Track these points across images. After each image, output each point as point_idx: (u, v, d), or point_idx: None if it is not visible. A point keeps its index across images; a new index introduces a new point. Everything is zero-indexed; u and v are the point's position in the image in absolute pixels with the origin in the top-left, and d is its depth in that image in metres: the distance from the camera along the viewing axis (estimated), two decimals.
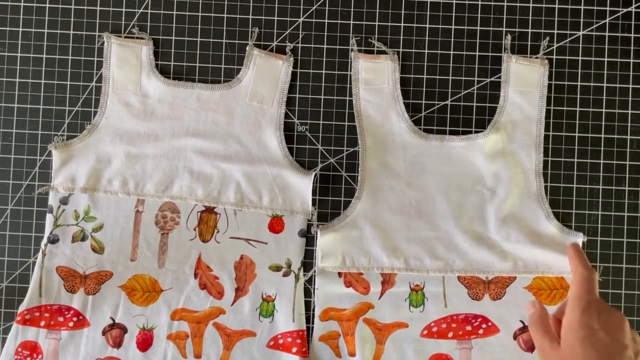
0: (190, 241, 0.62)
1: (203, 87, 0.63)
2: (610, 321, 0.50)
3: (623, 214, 0.63)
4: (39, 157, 0.63)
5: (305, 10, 0.63)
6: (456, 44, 0.64)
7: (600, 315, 0.50)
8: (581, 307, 0.51)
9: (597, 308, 0.51)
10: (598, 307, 0.51)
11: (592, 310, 0.51)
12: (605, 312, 0.51)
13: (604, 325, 0.50)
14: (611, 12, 0.64)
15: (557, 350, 0.51)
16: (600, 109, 0.64)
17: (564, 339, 0.51)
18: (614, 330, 0.50)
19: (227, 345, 0.60)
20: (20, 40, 0.63)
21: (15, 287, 0.62)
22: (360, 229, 0.61)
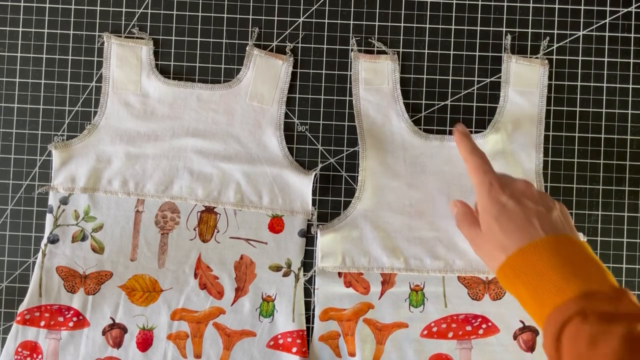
0: (190, 241, 0.62)
1: (203, 87, 0.63)
2: (515, 190, 0.52)
3: (623, 214, 0.63)
4: (39, 157, 0.63)
5: (305, 10, 0.63)
6: (456, 44, 0.64)
7: (505, 188, 0.52)
8: (485, 189, 0.52)
9: (500, 183, 0.52)
10: (500, 183, 0.52)
11: (495, 187, 0.52)
12: (509, 184, 0.53)
13: (511, 196, 0.51)
14: (611, 12, 0.64)
15: (481, 236, 0.53)
16: (600, 109, 0.64)
17: (482, 223, 0.52)
18: (521, 197, 0.51)
19: (227, 345, 0.60)
20: (20, 40, 0.63)
21: (15, 287, 0.62)
22: (360, 229, 0.61)
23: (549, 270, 0.46)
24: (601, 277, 0.46)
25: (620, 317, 0.43)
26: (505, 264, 0.49)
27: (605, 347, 0.42)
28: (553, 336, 0.45)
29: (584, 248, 0.49)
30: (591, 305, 0.44)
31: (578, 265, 0.46)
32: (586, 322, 0.43)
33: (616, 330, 0.42)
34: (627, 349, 0.41)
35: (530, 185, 0.53)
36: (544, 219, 0.50)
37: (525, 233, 0.49)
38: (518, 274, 0.48)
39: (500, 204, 0.51)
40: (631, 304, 0.45)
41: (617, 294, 0.45)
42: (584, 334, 0.43)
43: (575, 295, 0.45)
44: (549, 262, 0.47)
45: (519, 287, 0.49)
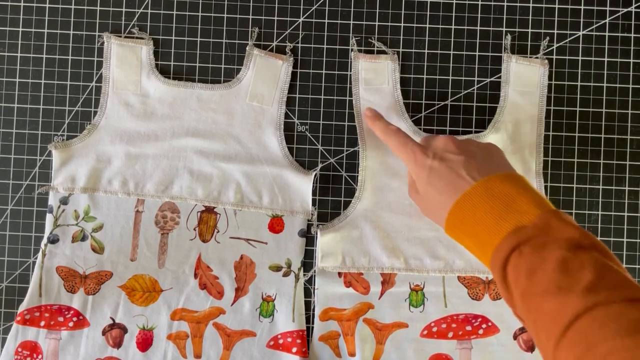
0: (190, 241, 0.62)
1: (203, 87, 0.63)
2: (437, 150, 0.53)
3: (623, 214, 0.63)
4: (39, 157, 0.63)
5: (305, 10, 0.63)
6: (456, 44, 0.64)
7: (427, 150, 0.53)
8: (411, 159, 0.53)
9: (421, 149, 0.53)
10: (422, 148, 0.53)
11: (418, 154, 0.53)
12: (430, 146, 0.54)
13: (435, 157, 0.52)
14: (611, 12, 0.64)
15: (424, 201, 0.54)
16: (600, 109, 0.64)
17: (420, 190, 0.54)
18: (444, 154, 0.52)
19: (227, 345, 0.60)
20: (20, 40, 0.63)
21: (15, 287, 0.62)
22: (360, 229, 0.61)
23: (483, 215, 0.47)
24: (531, 208, 0.46)
25: (551, 242, 0.44)
26: (447, 220, 0.50)
27: (542, 276, 0.43)
28: (500, 278, 0.46)
29: (515, 181, 0.49)
30: (524, 238, 0.45)
31: (509, 201, 0.47)
32: (521, 255, 0.44)
33: (549, 256, 0.43)
34: (561, 272, 0.42)
35: (449, 138, 0.53)
36: (470, 166, 0.50)
37: (457, 186, 0.50)
38: (460, 226, 0.49)
39: (427, 167, 0.52)
40: (561, 226, 0.45)
41: (545, 221, 0.45)
42: (522, 267, 0.44)
43: (508, 233, 0.46)
44: (482, 207, 0.48)
45: (465, 239, 0.50)
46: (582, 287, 0.40)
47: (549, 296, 0.42)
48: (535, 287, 0.43)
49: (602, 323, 0.38)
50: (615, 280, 0.41)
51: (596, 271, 0.41)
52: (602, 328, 0.38)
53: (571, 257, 0.42)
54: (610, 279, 0.41)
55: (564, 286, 0.41)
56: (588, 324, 0.39)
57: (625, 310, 0.39)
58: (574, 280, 0.41)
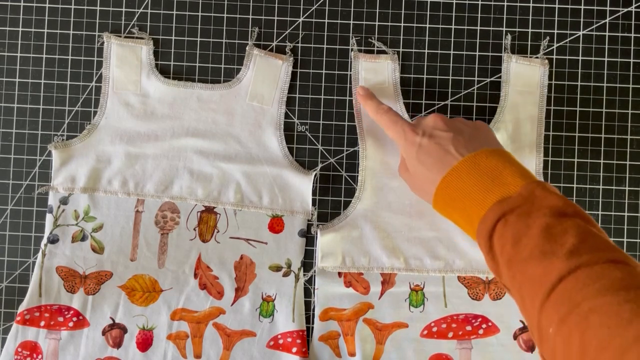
0: (190, 241, 0.62)
1: (203, 87, 0.62)
2: (426, 127, 0.54)
3: (623, 214, 0.63)
4: (39, 157, 0.63)
5: (305, 10, 0.63)
6: (456, 44, 0.64)
7: (417, 129, 0.54)
8: (401, 137, 0.54)
9: (411, 127, 0.54)
10: (411, 126, 0.54)
11: (408, 131, 0.54)
12: (419, 124, 0.55)
13: (424, 134, 0.53)
14: (611, 12, 0.64)
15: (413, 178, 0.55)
16: (600, 109, 0.64)
17: (409, 168, 0.55)
18: (433, 131, 0.53)
19: (227, 345, 0.60)
20: (20, 40, 0.63)
21: (15, 287, 0.62)
22: (360, 229, 0.61)
23: (470, 188, 0.48)
24: (516, 180, 0.47)
25: (536, 210, 0.45)
26: (435, 195, 0.51)
27: (527, 242, 0.43)
28: (486, 248, 0.47)
29: (501, 155, 0.50)
30: (509, 207, 0.46)
31: (495, 174, 0.48)
32: (507, 224, 0.45)
33: (534, 223, 0.44)
34: (545, 237, 0.43)
35: (439, 116, 0.54)
36: (458, 142, 0.51)
37: (445, 161, 0.50)
38: (447, 200, 0.50)
39: (416, 144, 0.53)
40: (545, 194, 0.46)
41: (529, 190, 0.46)
42: (507, 235, 0.45)
43: (493, 204, 0.46)
44: (469, 180, 0.48)
45: (453, 213, 0.51)
46: (565, 251, 0.41)
47: (533, 261, 0.42)
48: (520, 254, 0.43)
49: (585, 283, 0.39)
50: (597, 243, 0.42)
51: (579, 236, 0.42)
52: (585, 288, 0.39)
53: (555, 223, 0.43)
54: (593, 243, 0.42)
55: (548, 251, 0.42)
56: (571, 285, 0.40)
57: (607, 271, 0.40)
58: (557, 245, 0.42)
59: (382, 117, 0.57)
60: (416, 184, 0.55)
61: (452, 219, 0.52)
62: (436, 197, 0.51)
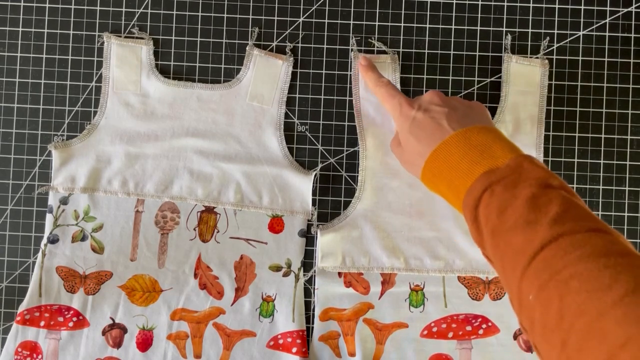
0: (190, 241, 0.62)
1: (203, 87, 0.62)
2: (422, 102, 0.54)
3: (623, 214, 0.63)
4: (39, 157, 0.63)
5: (305, 10, 0.63)
6: (456, 44, 0.64)
7: (413, 103, 0.54)
8: (397, 110, 0.55)
9: (408, 101, 0.55)
10: (408, 100, 0.55)
11: (404, 105, 0.55)
12: (417, 99, 0.55)
13: (419, 108, 0.54)
14: (611, 12, 0.64)
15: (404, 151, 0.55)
16: (600, 109, 0.64)
17: (402, 141, 0.55)
18: (428, 106, 0.53)
19: (227, 346, 0.60)
20: (20, 40, 0.63)
21: (15, 287, 0.62)
22: (361, 229, 0.61)
23: (459, 160, 0.48)
24: (505, 153, 0.47)
25: (522, 181, 0.45)
26: (424, 167, 0.51)
27: (511, 212, 0.43)
28: (471, 218, 0.47)
29: (492, 132, 0.50)
30: (496, 178, 0.46)
31: (484, 148, 0.48)
32: (493, 195, 0.45)
33: (520, 194, 0.44)
34: (530, 207, 0.43)
35: (436, 92, 0.55)
36: (452, 117, 0.52)
37: (436, 135, 0.51)
38: (436, 173, 0.50)
39: (411, 117, 0.53)
40: (533, 167, 0.46)
41: (518, 162, 0.46)
42: (493, 206, 0.45)
43: (481, 175, 0.47)
44: (458, 153, 0.49)
45: (440, 185, 0.51)
46: (548, 219, 0.42)
47: (517, 230, 0.43)
48: (505, 223, 0.44)
49: (566, 251, 0.39)
50: (580, 213, 0.43)
51: (563, 205, 0.42)
52: (566, 255, 0.39)
53: (540, 193, 0.44)
54: (576, 212, 0.43)
55: (532, 220, 0.42)
56: (553, 252, 0.40)
57: (589, 239, 0.40)
58: (541, 214, 0.42)
59: (381, 90, 0.57)
60: (406, 157, 0.55)
61: (439, 191, 0.52)
62: (424, 170, 0.51)
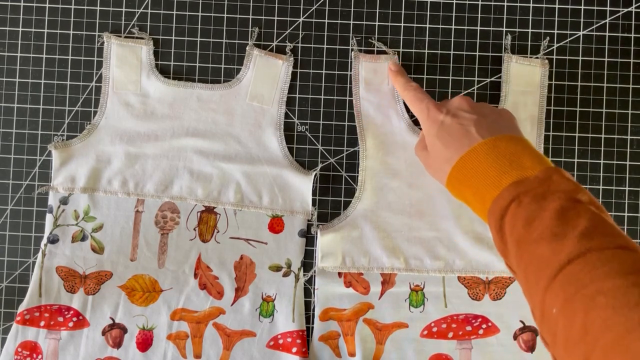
0: (190, 241, 0.62)
1: (203, 87, 0.62)
2: (451, 107, 0.54)
3: (623, 214, 0.63)
4: (39, 157, 0.63)
5: (305, 10, 0.63)
6: (456, 44, 0.64)
7: (442, 108, 0.54)
8: (424, 113, 0.55)
9: (436, 105, 0.55)
10: (436, 104, 0.55)
11: (432, 109, 0.54)
12: (445, 104, 0.55)
13: (448, 113, 0.53)
14: (611, 12, 0.64)
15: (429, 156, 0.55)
16: (600, 109, 0.64)
17: (428, 145, 0.55)
18: (457, 111, 0.53)
19: (227, 346, 0.60)
20: (20, 40, 0.63)
21: (15, 287, 0.62)
22: (361, 229, 0.61)
23: (487, 169, 0.48)
24: (534, 164, 0.47)
25: (551, 193, 0.44)
26: (450, 174, 0.51)
27: (539, 224, 0.43)
28: (496, 228, 0.47)
29: (521, 142, 0.50)
30: (524, 189, 0.45)
31: (513, 158, 0.48)
32: (520, 205, 0.45)
33: (548, 206, 0.44)
34: (558, 220, 0.43)
35: (465, 98, 0.54)
36: (480, 124, 0.51)
37: (464, 141, 0.51)
38: (462, 180, 0.50)
39: (438, 122, 0.53)
40: (562, 180, 0.46)
41: (547, 174, 0.46)
42: (520, 216, 0.44)
43: (509, 184, 0.46)
44: (486, 162, 0.48)
45: (465, 192, 0.51)
46: (577, 233, 0.41)
47: (543, 242, 0.42)
48: (531, 235, 0.43)
49: (594, 266, 0.39)
50: (609, 230, 0.42)
51: (591, 220, 0.42)
52: (594, 270, 0.39)
53: (569, 207, 0.43)
54: (605, 229, 0.42)
55: (559, 232, 0.42)
56: (580, 267, 0.40)
57: (617, 255, 0.39)
58: (569, 228, 0.42)
59: (409, 93, 0.57)
60: (432, 163, 0.55)
61: (463, 198, 0.52)
62: (450, 176, 0.51)
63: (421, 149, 0.57)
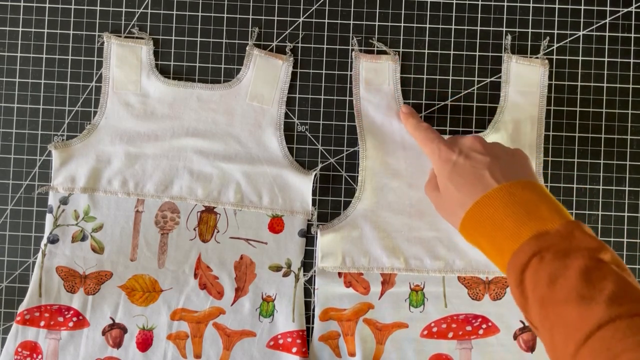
0: (190, 241, 0.62)
1: (203, 87, 0.62)
2: (463, 148, 0.53)
3: (623, 214, 0.63)
4: (39, 157, 0.63)
5: (305, 10, 0.63)
6: (456, 44, 0.64)
7: (454, 148, 0.53)
8: (436, 154, 0.54)
9: (448, 145, 0.53)
10: (448, 144, 0.54)
11: (444, 149, 0.53)
12: (457, 143, 0.54)
13: (460, 153, 0.52)
14: (611, 12, 0.64)
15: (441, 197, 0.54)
16: (600, 109, 0.64)
17: (440, 185, 0.54)
18: (470, 152, 0.52)
19: (227, 346, 0.60)
20: (20, 40, 0.63)
21: (15, 287, 0.62)
22: (360, 229, 0.61)
23: (504, 218, 0.47)
24: (553, 216, 0.46)
25: (574, 251, 0.44)
26: (464, 219, 0.50)
27: (564, 283, 0.42)
28: (516, 282, 0.45)
29: (537, 189, 0.49)
30: (546, 244, 0.44)
31: (531, 208, 0.47)
32: (543, 262, 0.44)
33: (572, 264, 0.43)
34: (584, 281, 0.42)
35: (477, 138, 0.53)
36: (494, 168, 0.50)
37: (478, 186, 0.49)
38: (477, 227, 0.49)
39: (451, 162, 0.52)
40: (584, 236, 0.45)
41: (569, 229, 0.45)
42: (542, 273, 0.43)
43: (529, 238, 0.45)
44: (502, 210, 0.47)
45: (480, 240, 0.49)
46: (605, 298, 0.41)
47: (570, 304, 0.41)
48: (557, 295, 0.42)
49: (625, 333, 0.39)
50: (636, 294, 0.42)
51: (618, 283, 0.42)
52: (625, 338, 0.38)
53: (593, 267, 0.42)
54: (632, 293, 0.42)
55: (587, 295, 0.41)
56: (611, 333, 0.39)
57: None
58: (596, 291, 0.41)
59: (420, 134, 0.56)
60: (444, 205, 0.54)
61: (478, 245, 0.50)
62: (464, 222, 0.50)
63: (432, 189, 0.56)
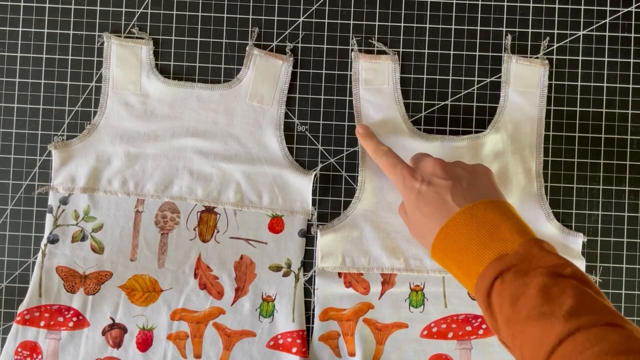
0: (190, 241, 0.62)
1: (203, 87, 0.62)
2: (425, 173, 0.53)
3: (623, 214, 0.63)
4: (39, 157, 0.63)
5: (305, 10, 0.63)
6: (456, 44, 0.64)
7: (416, 174, 0.53)
8: (400, 181, 0.54)
9: (410, 172, 0.54)
10: (410, 171, 0.54)
11: (407, 176, 0.53)
12: (418, 168, 0.54)
13: (422, 180, 0.52)
14: (611, 12, 0.64)
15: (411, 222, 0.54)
16: (600, 109, 0.64)
17: (408, 212, 0.54)
18: (431, 178, 0.52)
19: (227, 346, 0.60)
20: (20, 40, 0.63)
21: (15, 287, 0.62)
22: (360, 229, 0.61)
23: (468, 242, 0.48)
24: (513, 236, 0.47)
25: (532, 269, 0.45)
26: (434, 245, 0.51)
27: (525, 302, 0.43)
28: (484, 305, 0.46)
29: (499, 208, 0.49)
30: (506, 266, 0.45)
31: (492, 230, 0.48)
32: (504, 282, 0.45)
33: (531, 283, 0.44)
34: (543, 298, 0.43)
35: (437, 162, 0.53)
36: (456, 191, 0.51)
37: (443, 212, 0.50)
38: (445, 252, 0.50)
39: (415, 190, 0.52)
40: (542, 253, 0.46)
41: (526, 249, 0.46)
42: (505, 294, 0.44)
43: (492, 261, 0.46)
44: (467, 234, 0.48)
45: (451, 265, 0.50)
46: (563, 312, 0.42)
47: (532, 322, 0.42)
48: (519, 314, 0.43)
49: (584, 346, 0.40)
50: (594, 306, 0.43)
51: (576, 297, 0.42)
52: (584, 351, 0.39)
53: (552, 283, 0.44)
54: (590, 305, 0.43)
55: (547, 312, 0.42)
56: (571, 347, 0.40)
57: (605, 334, 0.40)
58: (555, 306, 0.42)
59: (381, 159, 0.57)
60: (415, 230, 0.55)
61: (449, 269, 0.51)
62: (434, 248, 0.51)
63: (404, 213, 0.56)
